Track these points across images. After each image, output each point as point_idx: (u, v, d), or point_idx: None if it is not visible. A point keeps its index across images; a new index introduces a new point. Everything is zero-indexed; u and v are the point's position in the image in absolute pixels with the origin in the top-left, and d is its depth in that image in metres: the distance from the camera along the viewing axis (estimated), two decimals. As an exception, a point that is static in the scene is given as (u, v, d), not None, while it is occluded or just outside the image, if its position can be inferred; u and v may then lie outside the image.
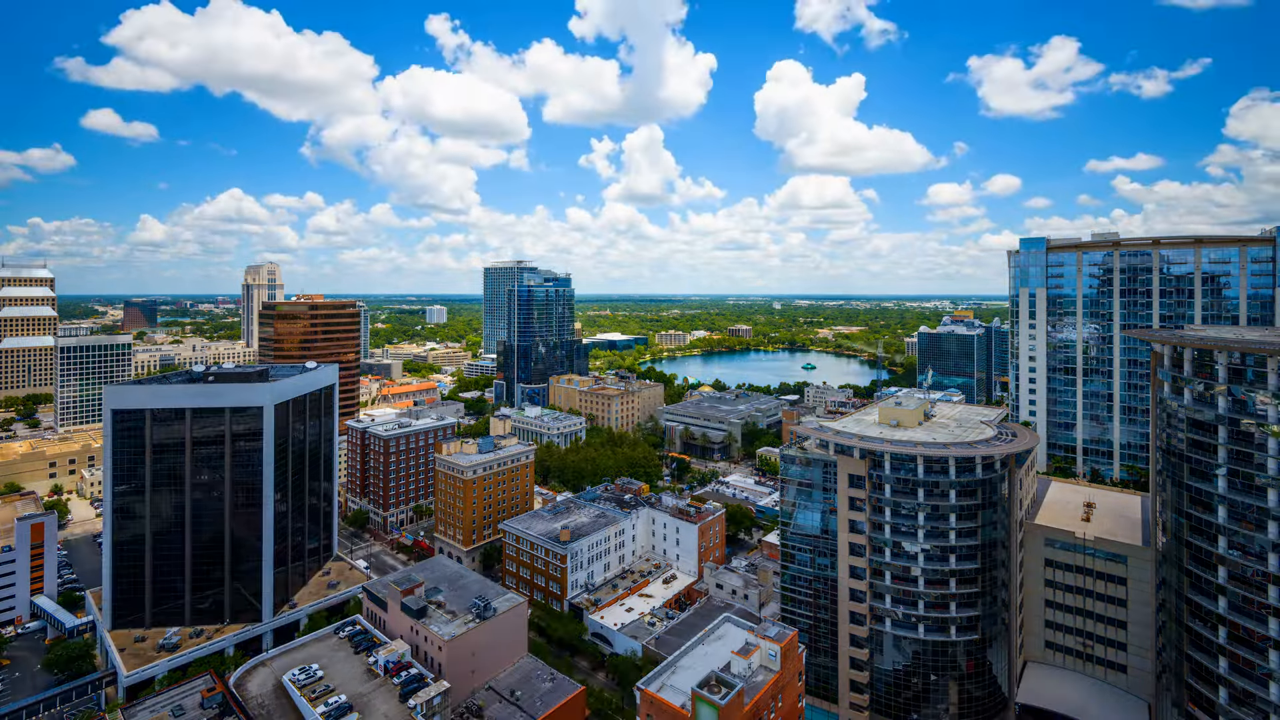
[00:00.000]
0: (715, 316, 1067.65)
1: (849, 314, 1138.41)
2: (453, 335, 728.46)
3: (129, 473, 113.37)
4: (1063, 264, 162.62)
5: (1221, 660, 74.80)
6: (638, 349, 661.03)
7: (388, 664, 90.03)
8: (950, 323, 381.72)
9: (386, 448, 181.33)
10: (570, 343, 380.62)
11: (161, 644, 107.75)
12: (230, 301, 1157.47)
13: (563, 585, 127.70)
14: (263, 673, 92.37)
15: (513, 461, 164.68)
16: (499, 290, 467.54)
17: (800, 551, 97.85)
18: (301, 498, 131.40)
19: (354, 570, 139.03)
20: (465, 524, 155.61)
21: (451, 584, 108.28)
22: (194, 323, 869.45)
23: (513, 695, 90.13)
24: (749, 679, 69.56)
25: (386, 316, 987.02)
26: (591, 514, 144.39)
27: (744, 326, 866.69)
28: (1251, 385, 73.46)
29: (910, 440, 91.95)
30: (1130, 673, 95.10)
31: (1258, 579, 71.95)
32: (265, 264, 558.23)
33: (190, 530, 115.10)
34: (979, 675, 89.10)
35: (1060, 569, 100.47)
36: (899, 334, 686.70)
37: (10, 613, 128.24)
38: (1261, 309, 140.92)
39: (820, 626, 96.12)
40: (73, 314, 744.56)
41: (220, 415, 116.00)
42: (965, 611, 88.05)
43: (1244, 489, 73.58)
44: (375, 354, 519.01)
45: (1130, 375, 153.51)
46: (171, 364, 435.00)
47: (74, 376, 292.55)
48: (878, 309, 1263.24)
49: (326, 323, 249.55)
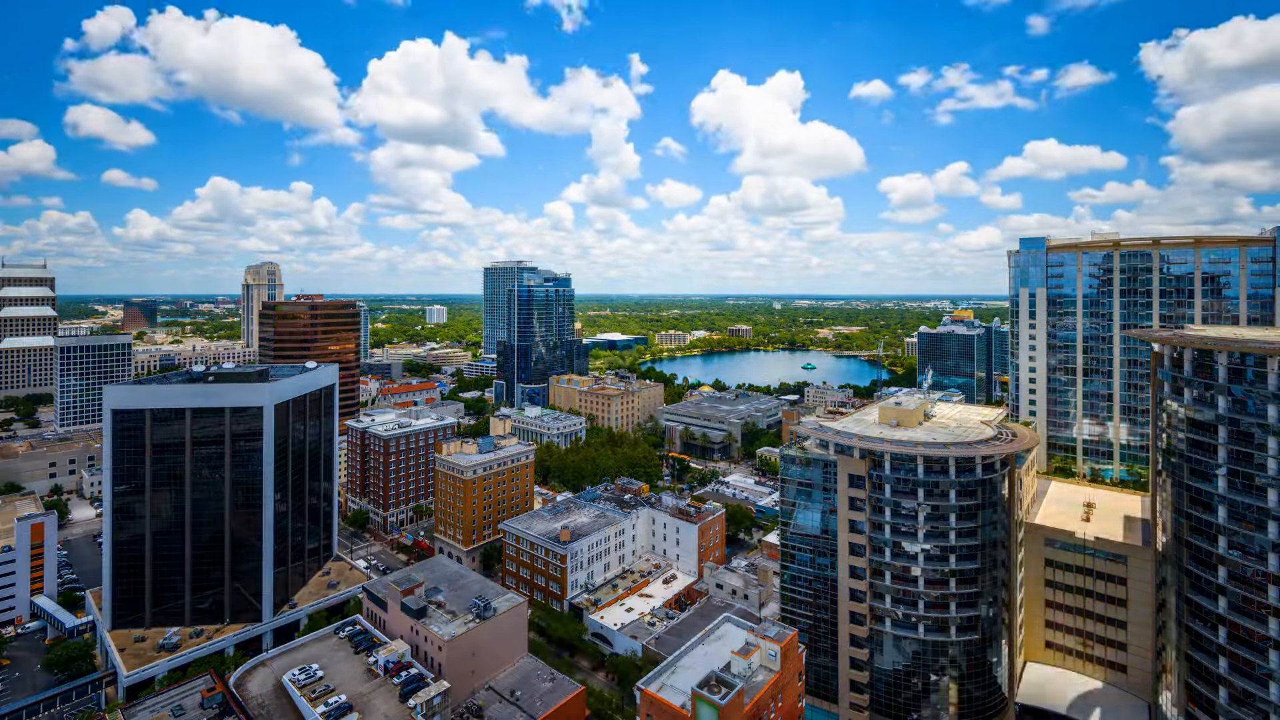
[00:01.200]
0: (715, 316, 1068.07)
1: (849, 314, 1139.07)
2: (453, 335, 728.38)
3: (129, 473, 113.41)
4: (1063, 264, 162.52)
5: (1221, 660, 74.80)
6: (638, 349, 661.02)
7: (388, 664, 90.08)
8: (950, 323, 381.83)
9: (386, 448, 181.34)
10: (570, 343, 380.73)
11: (161, 644, 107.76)
12: (230, 301, 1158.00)
13: (563, 585, 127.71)
14: (263, 673, 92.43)
15: (513, 461, 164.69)
16: (499, 290, 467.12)
17: (800, 551, 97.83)
18: (301, 498, 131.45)
19: (354, 570, 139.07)
20: (465, 524, 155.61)
21: (451, 584, 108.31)
22: (194, 322, 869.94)
23: (513, 695, 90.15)
24: (749, 679, 69.57)
25: (386, 316, 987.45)
26: (591, 514, 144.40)
27: (744, 326, 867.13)
28: (1251, 385, 73.45)
29: (910, 440, 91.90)
30: (1130, 673, 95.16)
31: (1258, 579, 71.95)
32: (265, 264, 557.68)
33: (190, 530, 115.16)
34: (979, 675, 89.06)
35: (1060, 569, 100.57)
36: (899, 334, 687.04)
37: (10, 613, 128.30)
38: (1261, 309, 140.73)
39: (820, 626, 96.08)
40: (73, 314, 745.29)
41: (220, 415, 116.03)
42: (965, 611, 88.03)
43: (1244, 489, 73.56)
44: (375, 354, 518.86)
45: (1130, 375, 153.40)
46: (171, 364, 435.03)
47: (74, 376, 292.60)
48: (878, 309, 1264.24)
49: (327, 322, 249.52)
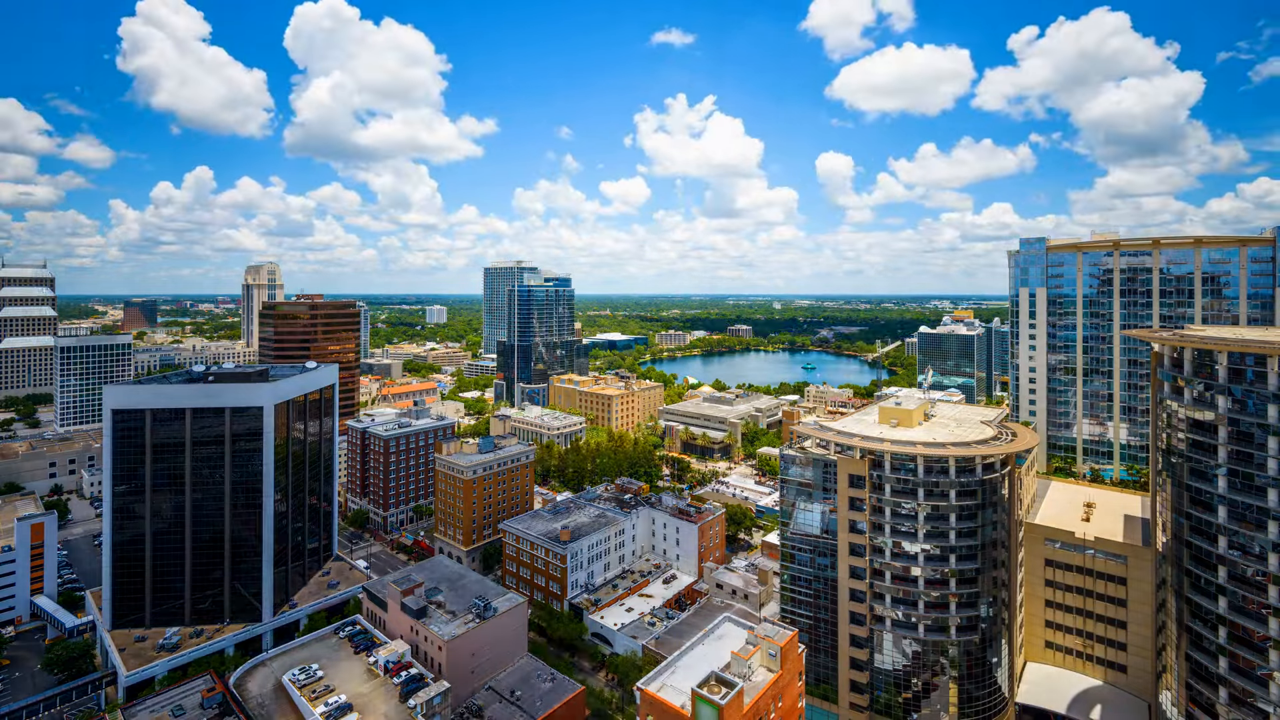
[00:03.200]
0: (715, 317, 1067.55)
1: (849, 314, 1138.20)
2: (453, 335, 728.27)
3: (129, 473, 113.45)
4: (1062, 264, 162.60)
5: (1221, 660, 74.80)
6: (638, 349, 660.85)
7: (388, 664, 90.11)
8: (950, 323, 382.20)
9: (386, 448, 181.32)
10: (570, 343, 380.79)
11: (161, 644, 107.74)
12: (230, 301, 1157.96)
13: (563, 585, 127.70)
14: (263, 673, 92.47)
15: (513, 461, 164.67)
16: (499, 290, 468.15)
17: (800, 551, 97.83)
18: (301, 498, 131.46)
19: (354, 570, 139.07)
20: (465, 524, 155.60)
21: (451, 584, 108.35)
22: (194, 323, 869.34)
23: (513, 695, 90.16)
24: (749, 679, 69.51)
25: (386, 316, 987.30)
26: (591, 514, 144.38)
27: (744, 326, 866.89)
28: (1251, 385, 73.45)
29: (910, 440, 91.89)
30: (1130, 673, 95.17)
31: (1258, 579, 71.98)
32: (265, 264, 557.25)
33: (190, 530, 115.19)
34: (979, 675, 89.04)
35: (1060, 569, 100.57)
36: (899, 334, 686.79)
37: (10, 613, 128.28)
38: (1261, 309, 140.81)
39: (820, 626, 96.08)
40: (73, 314, 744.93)
41: (220, 415, 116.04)
42: (965, 611, 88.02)
43: (1244, 489, 73.57)
44: (375, 354, 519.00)
45: (1130, 375, 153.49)
46: (171, 364, 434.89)
47: (74, 376, 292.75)
48: (878, 309, 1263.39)
49: (327, 322, 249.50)
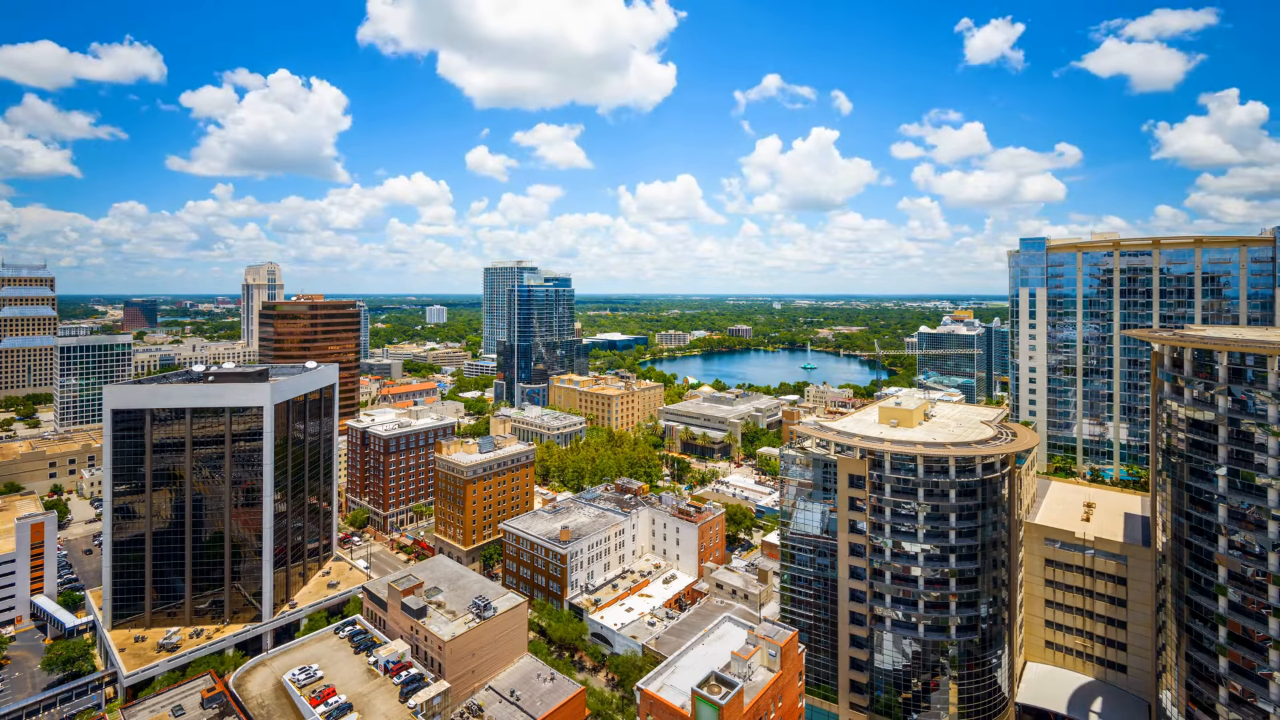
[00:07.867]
0: (715, 316, 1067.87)
1: (849, 314, 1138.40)
2: (453, 335, 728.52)
3: (129, 473, 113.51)
4: (1063, 264, 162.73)
5: (1221, 660, 74.76)
6: (638, 349, 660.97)
7: (388, 664, 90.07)
8: (950, 323, 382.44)
9: (386, 448, 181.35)
10: (570, 343, 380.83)
11: (161, 644, 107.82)
12: (230, 301, 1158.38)
13: (563, 585, 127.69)
14: (263, 673, 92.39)
15: (513, 461, 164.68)
16: (499, 290, 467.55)
17: (800, 551, 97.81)
18: (301, 497, 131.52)
19: (354, 570, 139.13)
20: (465, 524, 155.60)
21: (451, 584, 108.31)
22: (194, 323, 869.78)
23: (513, 695, 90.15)
24: (749, 679, 69.53)
25: (386, 317, 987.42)
26: (591, 514, 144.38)
27: (744, 326, 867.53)
28: (1251, 385, 73.42)
29: (910, 440, 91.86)
30: (1130, 673, 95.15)
31: (1257, 579, 71.94)
32: (265, 264, 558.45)
33: (190, 530, 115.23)
34: (979, 675, 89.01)
35: (1060, 569, 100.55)
36: (899, 334, 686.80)
37: (10, 613, 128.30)
38: (1261, 309, 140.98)
39: (820, 626, 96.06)
40: (73, 314, 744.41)
41: (220, 415, 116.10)
42: (965, 611, 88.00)
43: (1244, 489, 73.54)
44: (375, 354, 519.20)
45: (1130, 375, 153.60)
46: (171, 364, 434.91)
47: (74, 376, 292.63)
48: (878, 309, 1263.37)
49: (326, 322, 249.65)
